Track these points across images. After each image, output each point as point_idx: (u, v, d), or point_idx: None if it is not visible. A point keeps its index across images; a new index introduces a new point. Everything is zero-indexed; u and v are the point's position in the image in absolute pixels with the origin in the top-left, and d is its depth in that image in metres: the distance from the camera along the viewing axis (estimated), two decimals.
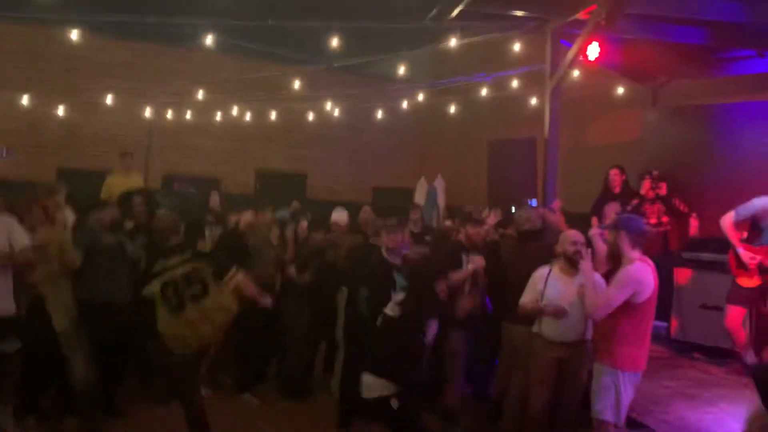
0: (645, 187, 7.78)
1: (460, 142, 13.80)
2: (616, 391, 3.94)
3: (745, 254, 5.90)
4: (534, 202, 5.44)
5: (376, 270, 5.09)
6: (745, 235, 6.12)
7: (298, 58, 10.22)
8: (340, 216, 6.26)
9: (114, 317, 4.89)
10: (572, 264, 4.52)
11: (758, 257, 5.85)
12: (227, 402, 5.64)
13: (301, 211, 7.52)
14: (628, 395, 4.00)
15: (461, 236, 5.55)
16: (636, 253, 4.05)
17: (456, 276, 5.01)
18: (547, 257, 4.74)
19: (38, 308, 4.73)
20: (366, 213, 7.49)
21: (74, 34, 8.07)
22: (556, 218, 7.19)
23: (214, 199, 7.67)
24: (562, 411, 4.63)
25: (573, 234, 4.68)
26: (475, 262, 5.17)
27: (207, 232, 6.78)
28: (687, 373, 6.21)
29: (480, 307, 5.35)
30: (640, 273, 3.96)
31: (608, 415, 3.96)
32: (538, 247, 5.08)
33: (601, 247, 5.25)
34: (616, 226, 4.19)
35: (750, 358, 6.04)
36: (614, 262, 4.27)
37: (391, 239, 5.18)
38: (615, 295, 3.94)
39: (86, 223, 5.12)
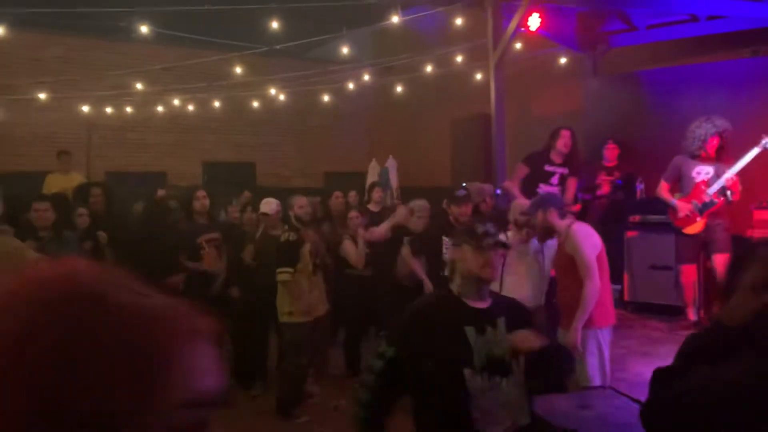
0: (611, 156, 7.92)
1: (410, 122, 13.77)
2: (599, 352, 3.85)
3: (680, 205, 6.20)
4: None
5: None
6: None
7: (237, 44, 9.97)
8: (268, 206, 5.96)
9: None
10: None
11: (689, 204, 6.17)
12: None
13: (251, 200, 7.33)
14: (608, 352, 3.92)
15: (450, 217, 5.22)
16: (567, 221, 4.09)
17: None
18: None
19: None
20: (337, 199, 7.01)
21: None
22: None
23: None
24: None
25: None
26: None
27: None
28: (641, 333, 6.40)
29: None
30: (584, 230, 4.01)
31: (597, 380, 3.83)
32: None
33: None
34: (540, 205, 4.19)
35: (691, 315, 6.34)
36: (546, 237, 4.35)
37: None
38: (589, 255, 3.85)
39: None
